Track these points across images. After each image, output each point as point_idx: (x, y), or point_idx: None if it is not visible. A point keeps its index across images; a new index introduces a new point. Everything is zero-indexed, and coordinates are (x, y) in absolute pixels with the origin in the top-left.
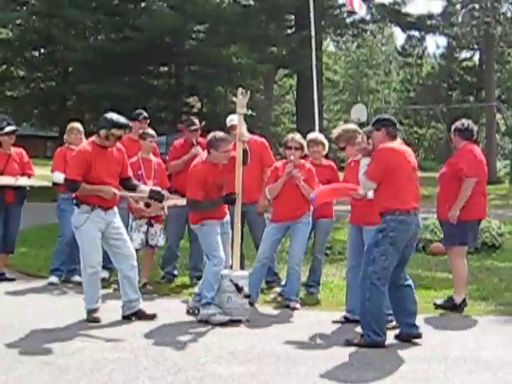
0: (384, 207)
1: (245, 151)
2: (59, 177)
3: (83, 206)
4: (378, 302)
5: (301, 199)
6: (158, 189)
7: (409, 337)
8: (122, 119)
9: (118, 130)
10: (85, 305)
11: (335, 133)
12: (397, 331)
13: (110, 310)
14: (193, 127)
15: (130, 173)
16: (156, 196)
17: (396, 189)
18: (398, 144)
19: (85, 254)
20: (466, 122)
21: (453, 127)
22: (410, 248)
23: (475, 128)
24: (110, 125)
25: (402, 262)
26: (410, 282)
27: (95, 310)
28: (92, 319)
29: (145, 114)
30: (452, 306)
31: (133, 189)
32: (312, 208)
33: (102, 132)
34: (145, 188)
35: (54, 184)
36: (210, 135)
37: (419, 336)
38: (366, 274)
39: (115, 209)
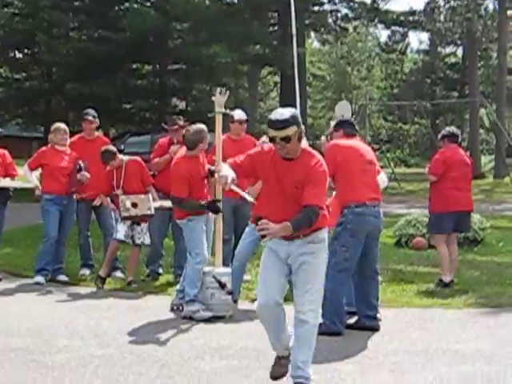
0: (341, 201)
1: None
2: (26, 173)
3: None
4: (338, 292)
5: None
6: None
7: (366, 328)
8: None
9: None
10: None
11: None
12: (353, 319)
13: (94, 308)
14: (174, 126)
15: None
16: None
17: (348, 183)
18: (348, 141)
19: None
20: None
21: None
22: (374, 240)
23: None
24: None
25: (368, 253)
26: (377, 276)
27: None
28: None
29: (93, 113)
30: (443, 285)
31: None
32: None
33: None
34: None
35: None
36: (186, 132)
37: (377, 328)
38: (329, 265)
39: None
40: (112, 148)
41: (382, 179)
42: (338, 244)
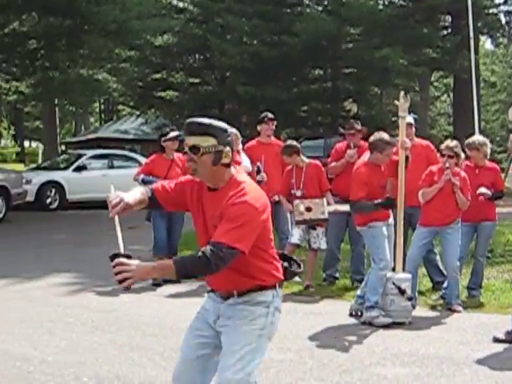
0: None
1: (406, 157)
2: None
3: None
4: None
5: (453, 206)
6: None
7: None
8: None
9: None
10: None
11: None
12: None
13: None
14: (350, 131)
15: None
16: None
17: None
18: None
19: None
20: None
21: None
22: None
23: None
24: None
25: None
26: None
27: None
28: None
29: (270, 116)
30: None
31: None
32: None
33: None
34: None
35: None
36: (375, 136)
37: None
38: None
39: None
40: (294, 144)
41: None
42: None
